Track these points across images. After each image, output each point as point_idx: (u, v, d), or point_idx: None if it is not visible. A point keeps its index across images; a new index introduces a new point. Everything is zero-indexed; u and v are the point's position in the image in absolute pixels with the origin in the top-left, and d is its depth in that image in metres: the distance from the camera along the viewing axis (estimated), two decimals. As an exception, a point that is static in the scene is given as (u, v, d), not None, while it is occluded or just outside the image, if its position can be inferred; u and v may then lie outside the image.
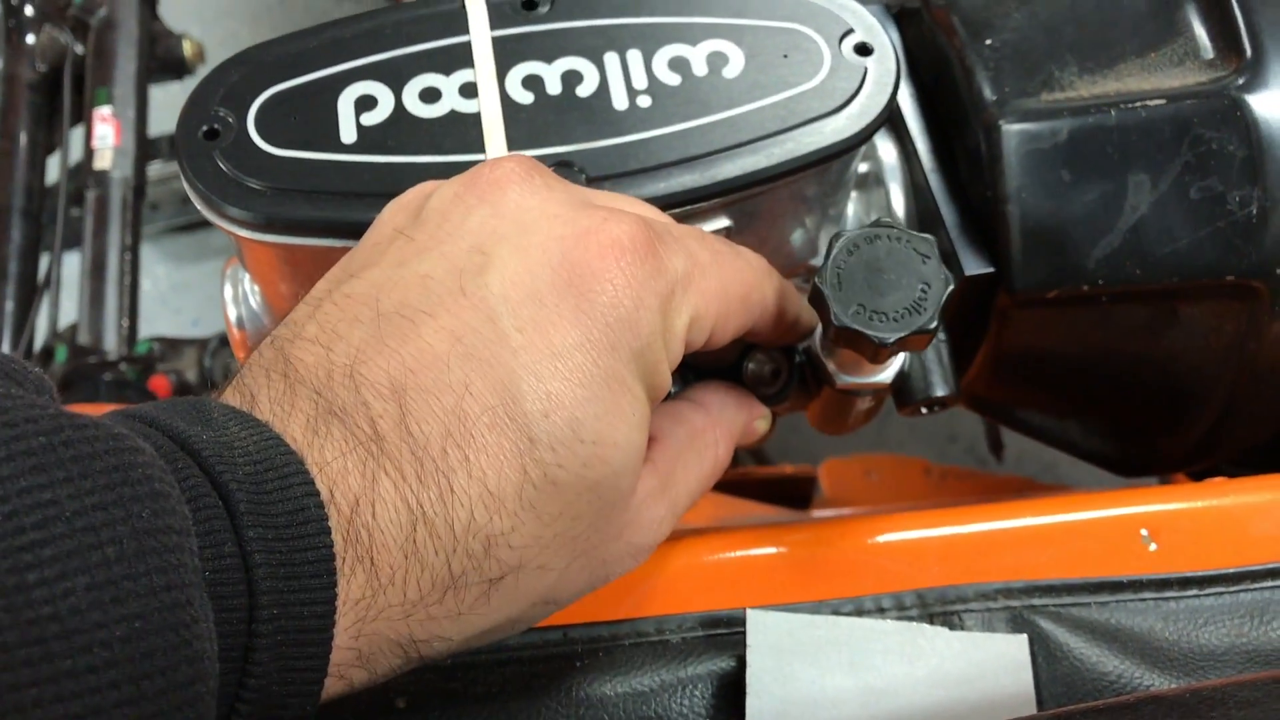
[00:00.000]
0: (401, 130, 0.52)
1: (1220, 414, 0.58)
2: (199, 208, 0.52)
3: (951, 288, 0.42)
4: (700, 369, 0.51)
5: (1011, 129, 0.55)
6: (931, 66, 0.61)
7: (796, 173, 0.52)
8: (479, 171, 0.41)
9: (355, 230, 0.47)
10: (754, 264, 0.44)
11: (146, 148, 1.45)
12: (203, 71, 1.92)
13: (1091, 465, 0.68)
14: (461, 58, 0.54)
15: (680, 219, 0.49)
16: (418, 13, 0.55)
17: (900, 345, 0.41)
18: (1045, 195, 0.55)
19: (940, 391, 0.51)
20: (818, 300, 0.42)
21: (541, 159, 0.51)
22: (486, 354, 0.35)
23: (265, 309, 0.62)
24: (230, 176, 0.50)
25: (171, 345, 1.31)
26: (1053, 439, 0.68)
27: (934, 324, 0.41)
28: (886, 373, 0.49)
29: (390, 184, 0.50)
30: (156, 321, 2.17)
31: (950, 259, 0.58)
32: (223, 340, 1.30)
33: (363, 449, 0.33)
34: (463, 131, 0.52)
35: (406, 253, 0.38)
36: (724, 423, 0.46)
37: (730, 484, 0.94)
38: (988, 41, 0.57)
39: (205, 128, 0.52)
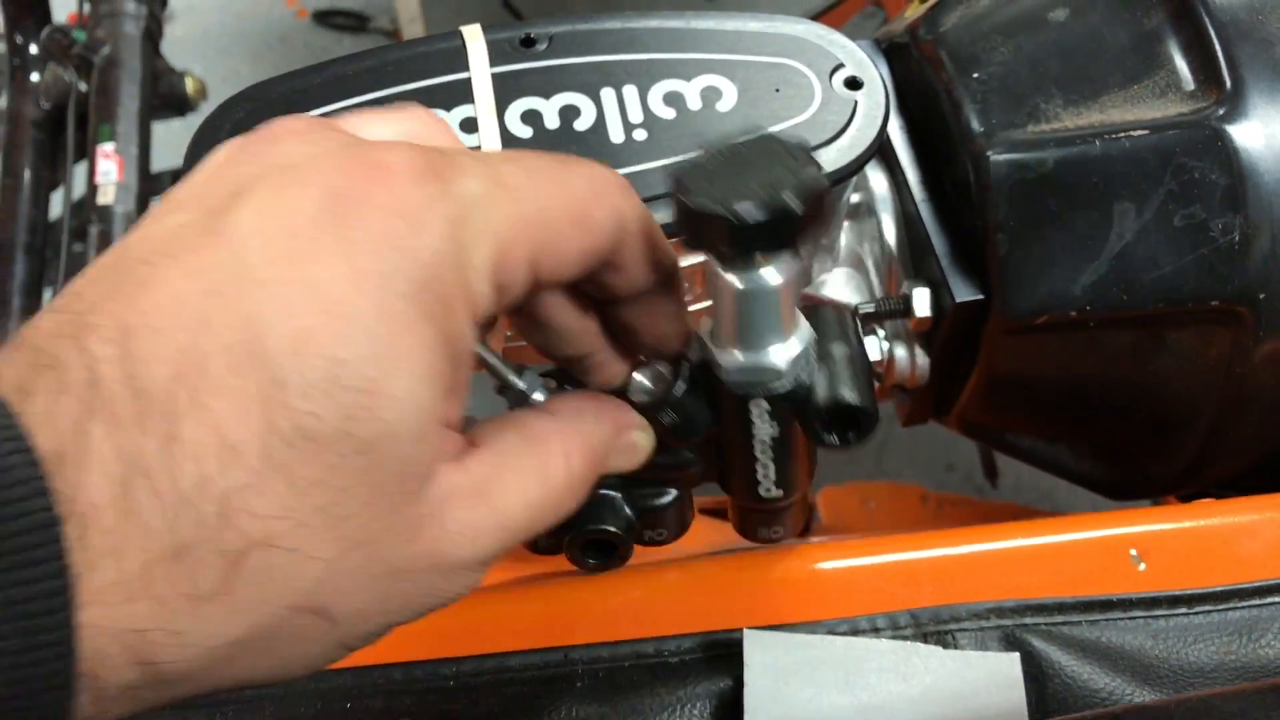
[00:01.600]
0: (404, 164, 0.53)
1: (1207, 438, 0.59)
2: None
3: (828, 184, 0.36)
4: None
5: (999, 159, 0.56)
6: (920, 100, 0.62)
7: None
8: (258, 128, 0.35)
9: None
10: (594, 177, 0.36)
11: (149, 183, 1.47)
12: (205, 108, 1.94)
13: (1085, 490, 0.69)
14: (462, 93, 0.55)
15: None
16: (419, 50, 0.56)
17: (763, 234, 0.34)
18: (1033, 224, 0.56)
19: (845, 395, 0.41)
20: (673, 189, 0.36)
21: (540, 191, 0.53)
22: (231, 290, 0.29)
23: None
24: (237, 210, 0.52)
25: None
26: (1044, 463, 0.69)
27: (800, 212, 0.34)
28: (779, 353, 0.40)
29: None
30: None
31: (941, 286, 0.59)
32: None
33: (73, 396, 0.28)
34: (464, 165, 0.53)
35: (163, 210, 0.33)
36: (577, 433, 0.38)
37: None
38: (975, 75, 0.58)
39: (212, 163, 0.53)
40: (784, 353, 0.40)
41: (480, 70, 0.56)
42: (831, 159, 0.54)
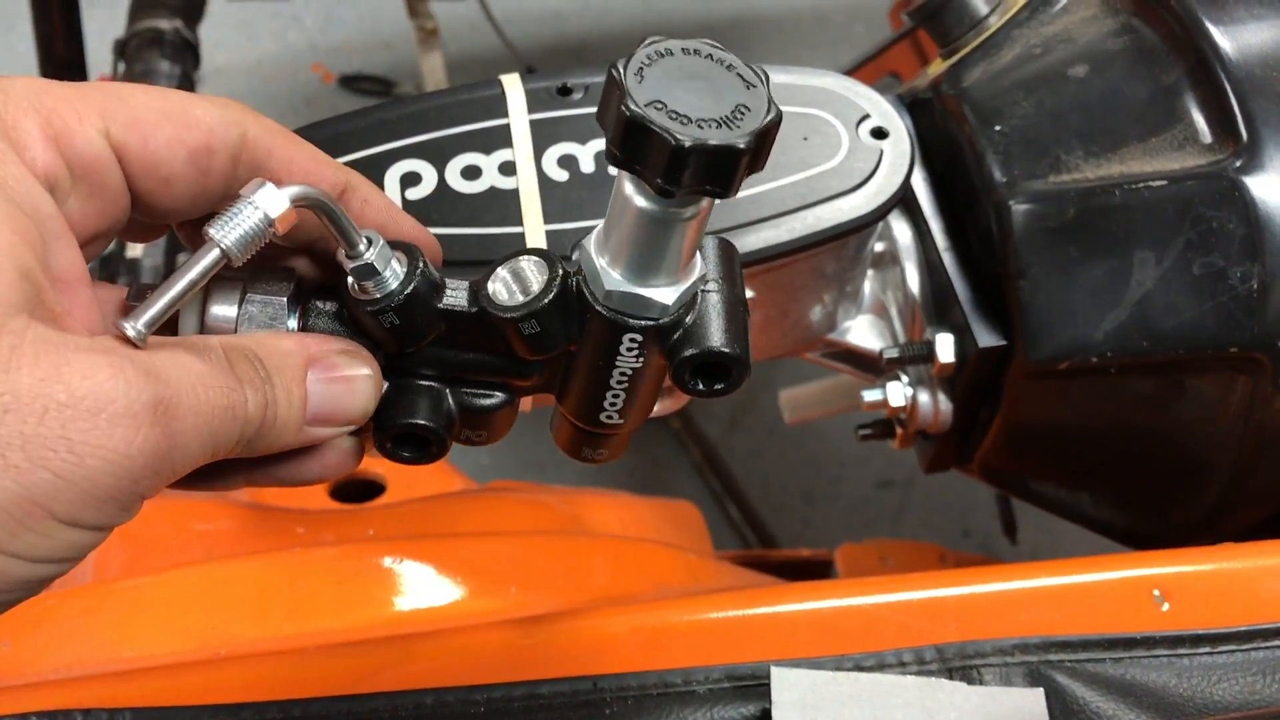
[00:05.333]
0: (444, 204, 0.55)
1: (1228, 485, 0.60)
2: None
3: (774, 119, 0.33)
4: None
5: (1021, 209, 0.58)
6: (943, 151, 0.64)
7: (815, 246, 0.55)
8: None
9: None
10: (208, 97, 0.39)
11: (176, 236, 1.49)
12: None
13: (1105, 540, 0.70)
14: (501, 138, 0.57)
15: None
16: (460, 97, 0.58)
17: (697, 160, 0.32)
18: (1054, 271, 0.58)
19: (715, 342, 0.38)
20: (607, 98, 0.33)
21: (575, 232, 0.54)
22: None
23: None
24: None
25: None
26: (1065, 510, 0.70)
27: (744, 144, 0.32)
28: (670, 289, 0.38)
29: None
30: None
31: (964, 332, 0.61)
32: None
33: None
34: (502, 206, 0.55)
35: None
36: (245, 341, 0.38)
37: (747, 564, 0.95)
38: (997, 128, 0.60)
39: (259, 200, 0.55)
40: (674, 291, 0.38)
41: (519, 116, 0.57)
42: (857, 205, 0.55)
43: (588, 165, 0.56)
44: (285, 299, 0.40)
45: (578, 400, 0.42)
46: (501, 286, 0.40)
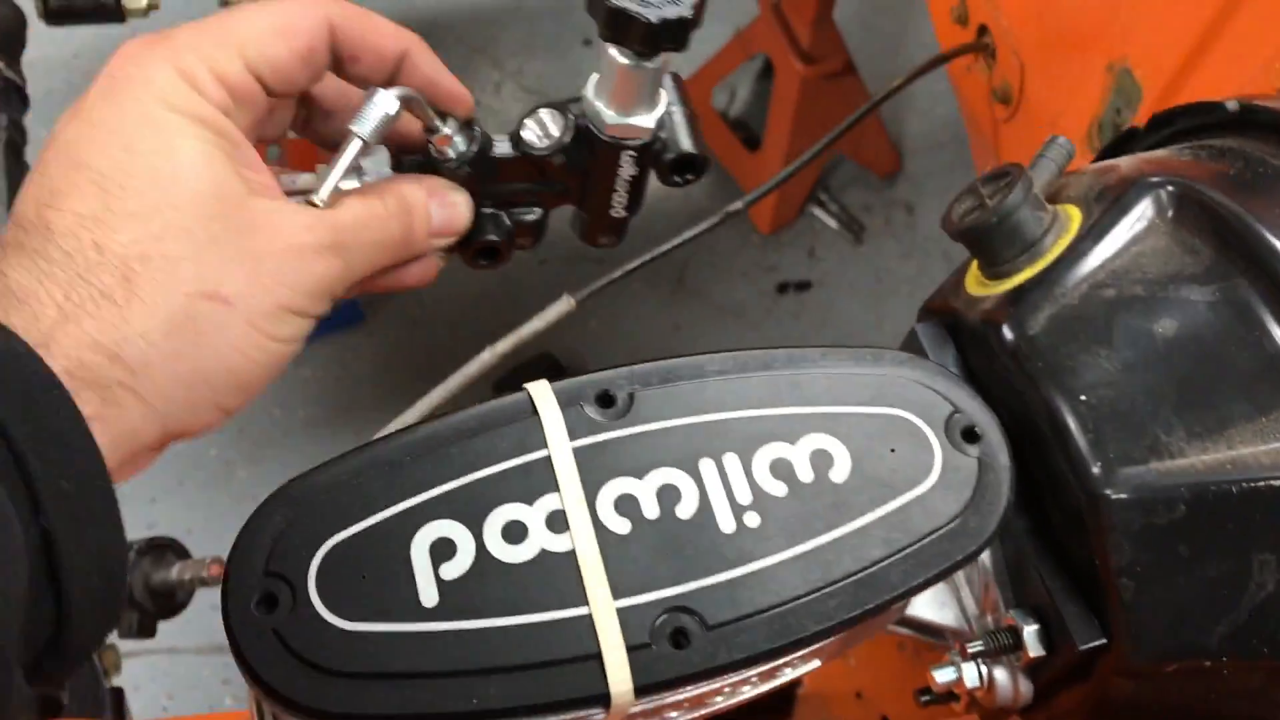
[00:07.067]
0: (488, 582, 0.46)
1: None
2: (259, 696, 0.44)
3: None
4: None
5: (1121, 500, 0.52)
6: (1011, 405, 0.57)
7: (915, 592, 0.48)
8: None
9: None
10: (292, 3, 0.52)
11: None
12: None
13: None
14: (542, 478, 0.48)
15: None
16: (482, 419, 0.49)
17: (663, 31, 0.49)
18: (1161, 570, 0.52)
19: (687, 147, 0.57)
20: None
21: (651, 605, 0.46)
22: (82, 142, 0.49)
23: None
24: (297, 660, 0.43)
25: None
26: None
27: (690, 14, 0.49)
28: (650, 116, 0.55)
29: (484, 657, 0.44)
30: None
31: (1053, 622, 0.55)
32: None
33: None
34: (558, 577, 0.46)
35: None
36: (395, 187, 0.55)
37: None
38: (1082, 398, 0.53)
39: (258, 595, 0.45)
40: (652, 117, 0.55)
41: (560, 446, 0.48)
42: (956, 541, 0.48)
43: (650, 508, 0.47)
44: (388, 163, 0.57)
45: (594, 203, 0.59)
46: (532, 134, 0.57)
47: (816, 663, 0.52)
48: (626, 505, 0.47)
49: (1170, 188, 0.57)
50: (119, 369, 0.45)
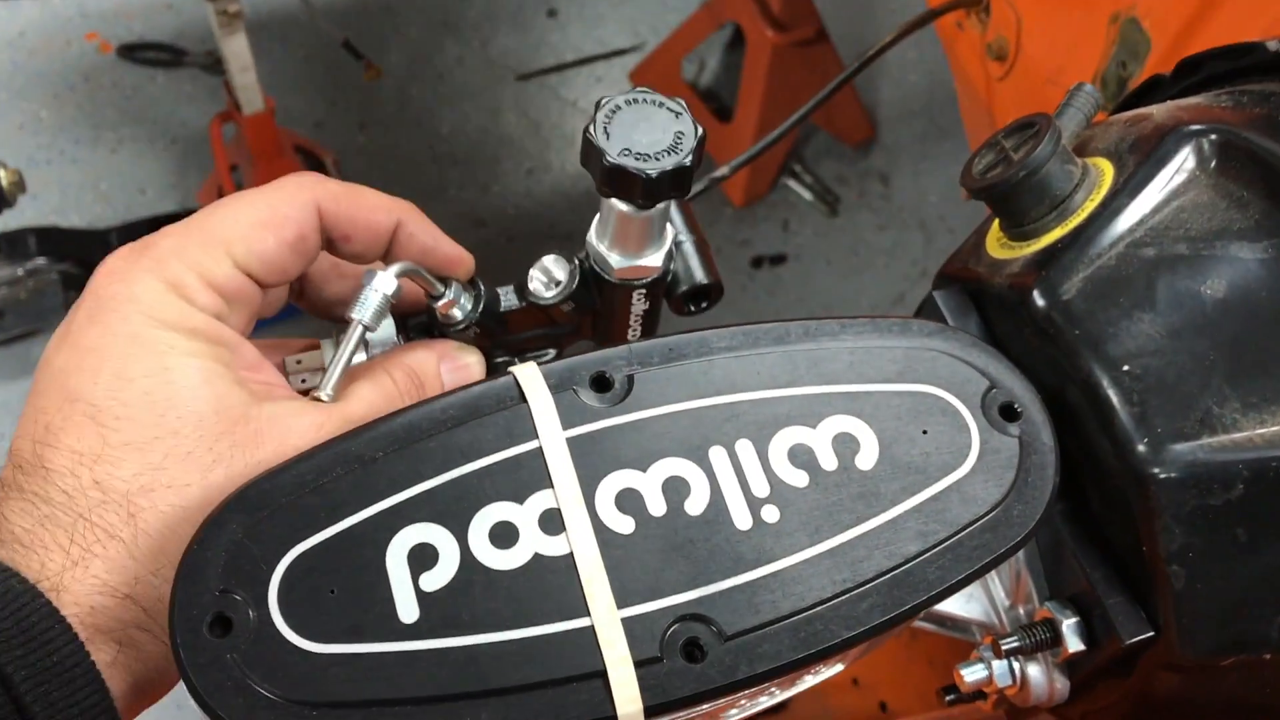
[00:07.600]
0: (474, 592, 0.40)
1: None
2: (216, 732, 0.39)
3: (702, 135, 0.47)
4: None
5: (1171, 480, 0.47)
6: (1043, 376, 0.51)
7: (955, 589, 0.43)
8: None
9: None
10: (280, 188, 0.51)
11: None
12: (25, 203, 1.69)
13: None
14: (533, 471, 0.42)
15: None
16: (464, 406, 0.43)
17: (663, 183, 0.46)
18: (1216, 555, 0.47)
19: (700, 278, 0.56)
20: (588, 153, 0.47)
21: (660, 614, 0.40)
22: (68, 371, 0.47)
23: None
24: (257, 691, 0.38)
25: None
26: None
27: (689, 161, 0.47)
28: (658, 255, 0.53)
29: (472, 679, 0.39)
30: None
31: (1095, 615, 0.50)
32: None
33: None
34: (554, 585, 0.40)
35: None
36: (402, 362, 0.53)
37: None
38: (1125, 368, 0.48)
39: (210, 616, 0.39)
40: (659, 255, 0.53)
41: (552, 435, 0.43)
42: (998, 532, 0.43)
43: (656, 504, 0.42)
44: (394, 330, 0.56)
45: (609, 337, 0.58)
46: (538, 284, 0.56)
47: (840, 666, 0.47)
48: (629, 501, 0.42)
49: (1213, 136, 0.52)
50: (132, 610, 0.44)
